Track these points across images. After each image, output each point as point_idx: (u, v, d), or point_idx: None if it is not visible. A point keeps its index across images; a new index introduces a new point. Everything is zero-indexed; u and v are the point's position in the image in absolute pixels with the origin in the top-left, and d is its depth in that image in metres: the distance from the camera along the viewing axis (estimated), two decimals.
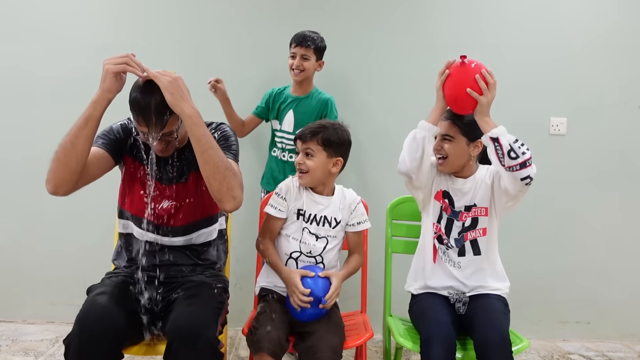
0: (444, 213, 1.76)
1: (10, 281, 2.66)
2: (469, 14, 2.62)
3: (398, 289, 1.90)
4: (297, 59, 2.25)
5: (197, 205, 1.62)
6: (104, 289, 1.50)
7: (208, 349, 1.35)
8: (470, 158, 1.72)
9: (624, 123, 2.66)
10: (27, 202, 2.63)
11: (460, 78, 1.58)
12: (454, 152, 1.70)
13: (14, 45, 2.59)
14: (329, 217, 1.72)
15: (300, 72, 2.26)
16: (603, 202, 2.68)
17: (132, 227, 1.63)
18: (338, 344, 1.52)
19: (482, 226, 1.73)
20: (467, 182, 1.74)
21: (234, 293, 1.79)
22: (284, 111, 2.34)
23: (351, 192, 1.80)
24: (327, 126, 1.70)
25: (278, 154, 2.37)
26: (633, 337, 2.71)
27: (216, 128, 1.63)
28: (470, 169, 1.76)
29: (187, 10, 2.60)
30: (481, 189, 1.72)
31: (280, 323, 1.57)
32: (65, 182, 1.41)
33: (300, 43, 2.24)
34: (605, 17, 2.62)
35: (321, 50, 2.30)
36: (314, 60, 2.28)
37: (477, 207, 1.72)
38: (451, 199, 1.75)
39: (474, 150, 1.71)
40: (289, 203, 1.71)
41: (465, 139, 1.69)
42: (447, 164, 1.72)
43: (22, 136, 2.62)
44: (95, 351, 1.32)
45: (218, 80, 2.30)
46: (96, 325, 1.32)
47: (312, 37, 2.26)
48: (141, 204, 1.59)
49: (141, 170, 1.60)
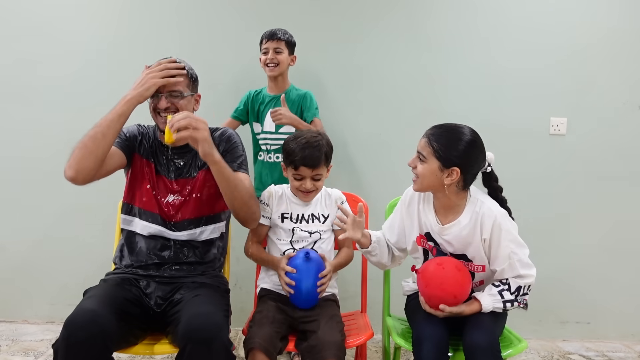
0: (430, 253, 1.68)
1: (10, 281, 2.66)
2: (468, 14, 2.62)
3: (397, 289, 1.90)
4: (270, 53, 2.25)
5: (204, 201, 1.67)
6: (96, 292, 1.51)
7: (223, 351, 1.35)
8: (442, 185, 1.52)
9: (624, 123, 2.65)
10: (27, 202, 2.64)
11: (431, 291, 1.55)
12: (424, 173, 1.53)
13: (14, 45, 2.60)
14: (317, 214, 1.76)
15: (275, 67, 2.25)
16: (603, 202, 2.67)
17: (137, 223, 1.65)
18: (340, 341, 1.53)
19: (479, 279, 1.66)
20: (452, 229, 1.57)
21: (234, 293, 1.79)
22: (263, 112, 2.32)
23: (336, 191, 1.83)
24: (321, 143, 1.69)
25: (264, 157, 2.35)
26: (633, 337, 2.71)
27: (226, 139, 1.70)
28: (451, 202, 1.57)
29: (187, 12, 2.61)
30: (472, 246, 1.57)
31: (275, 322, 1.57)
32: (88, 170, 1.48)
33: (271, 37, 2.25)
34: (605, 18, 2.62)
35: (292, 44, 2.31)
36: (287, 54, 2.27)
37: (474, 264, 1.60)
38: (435, 241, 1.64)
39: (447, 179, 1.51)
40: (272, 208, 1.76)
41: (439, 163, 1.51)
42: (418, 182, 1.57)
43: (22, 136, 2.62)
44: (83, 357, 1.31)
45: None
46: (82, 331, 1.31)
47: (283, 31, 2.28)
48: (148, 197, 1.64)
49: (148, 167, 1.67)
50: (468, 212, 1.57)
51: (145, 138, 1.70)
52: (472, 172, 1.56)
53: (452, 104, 2.62)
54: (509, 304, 1.55)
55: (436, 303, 1.53)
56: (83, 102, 2.53)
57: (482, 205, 1.56)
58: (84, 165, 1.47)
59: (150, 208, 1.65)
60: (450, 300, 1.52)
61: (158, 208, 1.65)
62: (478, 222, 1.55)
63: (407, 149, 2.62)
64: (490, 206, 1.56)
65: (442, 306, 1.52)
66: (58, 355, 1.32)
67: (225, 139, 1.70)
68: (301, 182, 1.69)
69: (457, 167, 1.50)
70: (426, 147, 1.53)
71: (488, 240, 1.54)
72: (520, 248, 1.55)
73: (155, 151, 1.69)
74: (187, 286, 1.59)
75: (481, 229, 1.55)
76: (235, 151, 1.69)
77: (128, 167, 1.69)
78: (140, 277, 1.62)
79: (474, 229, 1.55)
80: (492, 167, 1.62)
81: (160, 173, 1.67)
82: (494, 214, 1.54)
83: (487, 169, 1.61)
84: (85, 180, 1.49)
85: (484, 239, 1.55)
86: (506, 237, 1.53)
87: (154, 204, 1.65)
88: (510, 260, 1.54)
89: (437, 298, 1.53)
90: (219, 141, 1.69)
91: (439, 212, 1.62)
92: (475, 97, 2.61)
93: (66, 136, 2.56)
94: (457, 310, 1.53)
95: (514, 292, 1.55)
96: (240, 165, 1.68)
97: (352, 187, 2.50)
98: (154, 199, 1.65)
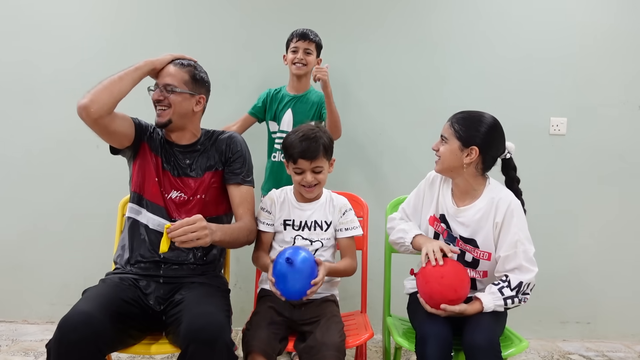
0: (441, 236, 1.72)
1: (10, 281, 2.66)
2: (470, 14, 2.62)
3: (398, 289, 1.90)
4: (299, 53, 2.25)
5: (207, 202, 1.69)
6: (93, 292, 1.51)
7: (225, 352, 1.36)
8: (462, 165, 1.62)
9: (624, 123, 2.65)
10: (28, 202, 2.64)
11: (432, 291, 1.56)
12: (446, 153, 1.64)
13: (15, 42, 2.60)
14: (319, 221, 1.73)
15: (303, 66, 2.26)
16: (603, 202, 2.67)
17: (144, 214, 1.66)
18: (340, 342, 1.52)
19: (483, 269, 1.67)
20: (468, 211, 1.65)
21: (234, 293, 1.79)
22: (282, 112, 2.33)
23: (341, 198, 1.80)
24: (318, 135, 1.67)
25: (278, 157, 2.34)
26: (633, 337, 2.71)
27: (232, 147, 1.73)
28: (469, 184, 1.66)
29: (186, 10, 2.61)
30: (483, 231, 1.63)
31: (273, 323, 1.57)
32: (102, 102, 1.53)
33: (303, 37, 2.25)
34: (605, 17, 2.62)
35: (320, 47, 2.33)
36: (315, 56, 2.29)
37: (480, 250, 1.64)
38: (448, 224, 1.70)
39: (467, 158, 1.61)
40: (275, 215, 1.74)
41: (459, 143, 1.62)
42: (439, 163, 1.68)
43: (22, 134, 2.62)
44: (75, 358, 1.31)
45: None
46: (74, 333, 1.31)
47: (314, 33, 2.29)
48: (155, 190, 1.67)
49: (155, 160, 1.69)
50: (485, 197, 1.64)
51: (155, 133, 1.74)
52: (491, 155, 1.64)
53: (453, 104, 2.58)
54: (509, 300, 1.56)
55: (437, 300, 1.54)
56: None
57: (500, 192, 1.64)
58: (99, 97, 1.52)
59: (157, 201, 1.66)
60: (450, 294, 1.53)
61: (163, 202, 1.66)
62: (493, 206, 1.62)
63: (408, 149, 2.66)
64: (507, 194, 1.64)
65: (443, 306, 1.53)
66: (51, 355, 1.33)
67: (231, 147, 1.73)
68: (302, 176, 1.68)
69: (476, 147, 1.59)
70: (448, 129, 1.64)
71: (500, 224, 1.60)
72: (528, 242, 1.60)
73: (164, 147, 1.72)
74: (187, 286, 1.59)
75: (495, 212, 1.61)
76: (240, 161, 1.73)
77: (135, 156, 1.71)
78: (141, 277, 1.62)
79: (489, 213, 1.62)
80: (512, 156, 1.70)
81: (165, 169, 1.69)
82: (509, 199, 1.62)
83: (507, 156, 1.69)
84: (96, 111, 1.51)
85: (497, 222, 1.61)
86: (517, 224, 1.59)
87: (160, 199, 1.66)
88: (516, 249, 1.57)
89: (438, 293, 1.54)
90: (224, 146, 1.72)
91: (457, 195, 1.70)
92: (476, 97, 2.60)
93: (66, 134, 2.61)
94: (459, 310, 1.53)
95: (514, 289, 1.56)
96: (244, 178, 1.72)
97: (352, 187, 2.50)
98: (160, 194, 1.67)
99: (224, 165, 1.72)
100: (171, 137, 1.72)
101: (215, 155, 1.72)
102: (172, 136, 1.72)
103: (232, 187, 1.72)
